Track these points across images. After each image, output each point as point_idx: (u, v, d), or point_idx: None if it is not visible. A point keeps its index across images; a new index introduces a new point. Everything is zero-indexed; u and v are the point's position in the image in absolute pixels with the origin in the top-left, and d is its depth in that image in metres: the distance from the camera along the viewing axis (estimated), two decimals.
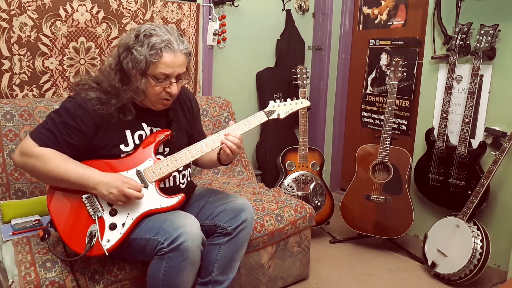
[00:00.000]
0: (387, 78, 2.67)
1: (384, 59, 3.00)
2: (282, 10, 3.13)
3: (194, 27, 2.65)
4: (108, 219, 1.50)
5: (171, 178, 1.66)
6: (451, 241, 2.25)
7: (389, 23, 3.00)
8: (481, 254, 2.12)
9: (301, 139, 2.73)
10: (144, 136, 1.61)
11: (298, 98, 1.73)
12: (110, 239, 1.48)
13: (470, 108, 2.24)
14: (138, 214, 1.52)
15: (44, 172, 1.46)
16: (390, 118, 2.49)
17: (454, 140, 2.40)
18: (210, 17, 2.70)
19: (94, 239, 1.46)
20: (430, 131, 2.51)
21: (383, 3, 3.02)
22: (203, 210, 1.73)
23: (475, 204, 2.17)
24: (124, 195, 1.46)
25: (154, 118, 1.64)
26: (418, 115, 2.68)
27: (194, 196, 1.82)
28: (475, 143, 2.31)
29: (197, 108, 1.87)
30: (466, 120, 2.25)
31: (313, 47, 3.37)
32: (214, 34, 2.70)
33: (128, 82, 1.52)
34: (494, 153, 2.14)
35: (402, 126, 2.94)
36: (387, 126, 2.50)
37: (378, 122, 3.11)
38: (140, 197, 1.49)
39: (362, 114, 3.22)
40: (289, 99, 1.72)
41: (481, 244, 2.13)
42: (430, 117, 2.56)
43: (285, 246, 2.13)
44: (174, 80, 1.53)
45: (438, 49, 2.49)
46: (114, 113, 1.52)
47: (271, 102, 1.69)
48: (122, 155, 1.57)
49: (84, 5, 2.20)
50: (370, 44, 3.07)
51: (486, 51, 2.18)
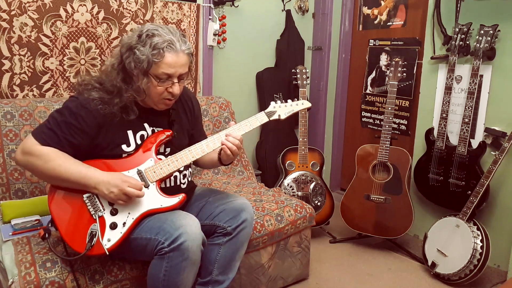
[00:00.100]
0: (387, 78, 2.68)
1: (384, 59, 3.01)
2: (282, 11, 3.13)
3: (194, 28, 2.65)
4: (108, 219, 1.50)
5: (172, 178, 1.67)
6: (451, 241, 2.25)
7: (388, 23, 3.01)
8: (481, 254, 2.12)
9: (301, 139, 2.73)
10: (146, 136, 1.61)
11: (298, 99, 1.73)
12: (110, 239, 1.48)
13: (470, 108, 2.24)
14: (138, 213, 1.52)
15: (45, 171, 1.46)
16: (390, 118, 2.50)
17: (454, 140, 2.40)
18: (210, 17, 2.70)
19: (94, 239, 1.46)
20: (430, 131, 2.51)
21: (383, 4, 3.03)
22: (203, 210, 1.74)
23: (475, 204, 2.17)
24: (124, 194, 1.46)
25: (156, 118, 1.64)
26: (418, 115, 2.68)
27: (194, 196, 1.82)
28: (475, 143, 2.31)
29: (198, 108, 1.87)
30: (466, 120, 2.25)
31: (313, 47, 3.37)
32: (214, 35, 2.71)
33: (130, 81, 1.52)
34: (494, 153, 2.14)
35: (402, 126, 2.94)
36: (387, 126, 2.50)
37: (378, 122, 3.11)
38: (140, 195, 1.49)
39: (362, 114, 3.22)
40: (290, 100, 1.72)
41: (481, 244, 2.13)
42: (430, 117, 2.57)
43: (285, 246, 2.13)
44: (176, 80, 1.53)
45: (438, 49, 2.50)
46: (117, 112, 1.52)
47: (272, 103, 1.70)
48: (124, 155, 1.57)
49: (84, 5, 2.21)
50: (370, 44, 3.07)
51: (486, 51, 2.18)
